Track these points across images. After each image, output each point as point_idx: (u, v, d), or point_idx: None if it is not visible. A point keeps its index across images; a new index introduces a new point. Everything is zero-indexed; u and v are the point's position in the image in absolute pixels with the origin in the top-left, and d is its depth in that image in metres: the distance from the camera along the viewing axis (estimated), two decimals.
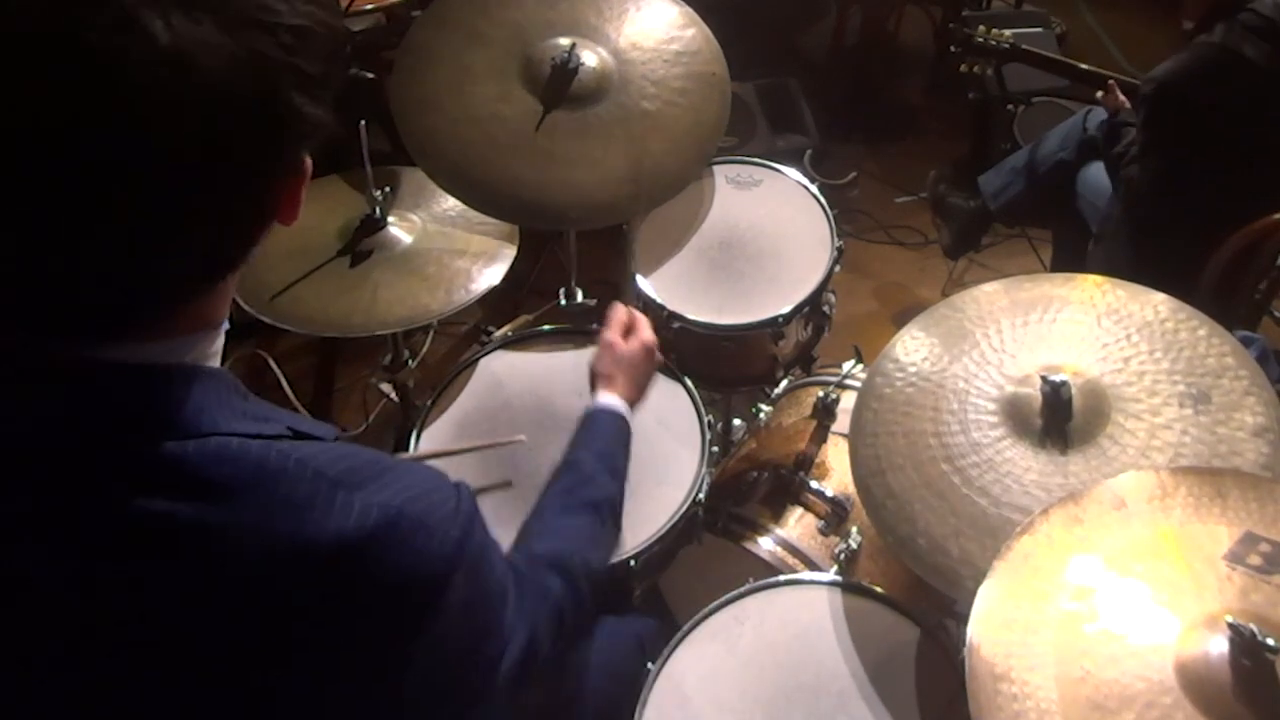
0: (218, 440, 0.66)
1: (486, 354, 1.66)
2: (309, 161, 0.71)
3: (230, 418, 0.68)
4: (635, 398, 1.31)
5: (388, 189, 1.70)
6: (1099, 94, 2.38)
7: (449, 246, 1.69)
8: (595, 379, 1.31)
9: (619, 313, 1.37)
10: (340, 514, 0.66)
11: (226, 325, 0.74)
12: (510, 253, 1.70)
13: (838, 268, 1.79)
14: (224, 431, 0.67)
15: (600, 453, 1.19)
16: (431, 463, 1.45)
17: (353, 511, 0.67)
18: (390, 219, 1.68)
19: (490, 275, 1.65)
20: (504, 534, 1.39)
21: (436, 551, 0.71)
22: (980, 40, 2.56)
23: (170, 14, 0.58)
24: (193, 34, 0.58)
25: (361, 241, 1.66)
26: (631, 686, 1.23)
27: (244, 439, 0.67)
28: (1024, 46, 2.56)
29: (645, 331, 1.35)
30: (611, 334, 1.33)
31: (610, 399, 1.27)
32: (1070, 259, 2.56)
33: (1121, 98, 2.30)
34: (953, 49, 2.66)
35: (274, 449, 0.67)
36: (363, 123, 1.60)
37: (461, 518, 0.74)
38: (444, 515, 0.73)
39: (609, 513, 1.14)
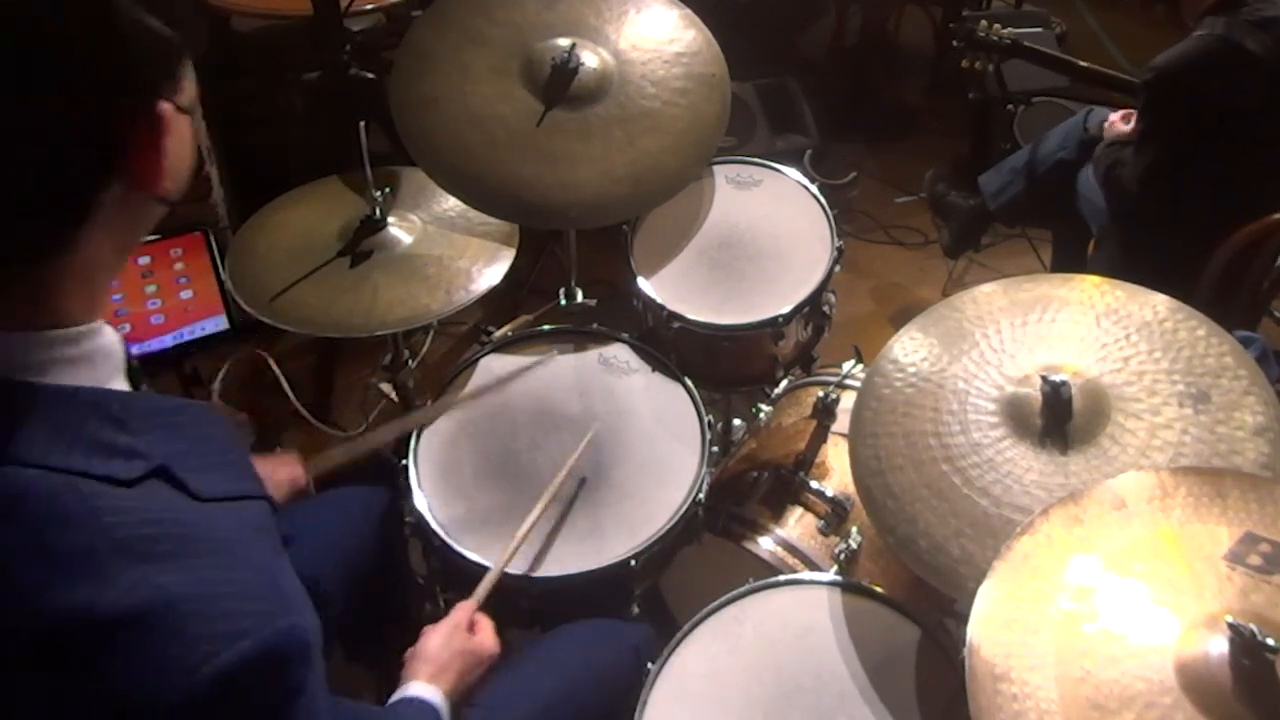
0: (9, 470, 0.59)
1: (486, 354, 1.66)
2: (166, 110, 0.63)
3: (65, 448, 0.60)
4: (458, 694, 1.09)
5: (388, 189, 1.70)
6: (1106, 127, 2.35)
7: (449, 247, 1.69)
8: (415, 660, 1.09)
9: (462, 608, 1.18)
10: (100, 584, 0.57)
11: (96, 326, 0.66)
12: (510, 253, 1.70)
13: (838, 268, 1.79)
14: (42, 462, 0.59)
15: None
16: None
17: (118, 585, 0.58)
18: (390, 219, 1.68)
19: (490, 275, 1.65)
20: (500, 534, 1.40)
21: (174, 670, 0.58)
22: (984, 35, 2.56)
23: None
24: None
25: (361, 242, 1.65)
26: (626, 698, 1.22)
27: (45, 471, 0.59)
28: (1026, 44, 2.56)
29: (489, 638, 1.17)
30: (455, 621, 1.14)
31: (423, 688, 1.05)
32: (1070, 259, 2.56)
33: (1129, 127, 2.29)
34: (955, 44, 2.65)
35: (75, 489, 0.59)
36: (363, 123, 1.60)
37: (249, 649, 0.60)
38: (218, 632, 0.60)
39: None
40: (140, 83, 0.62)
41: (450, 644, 1.10)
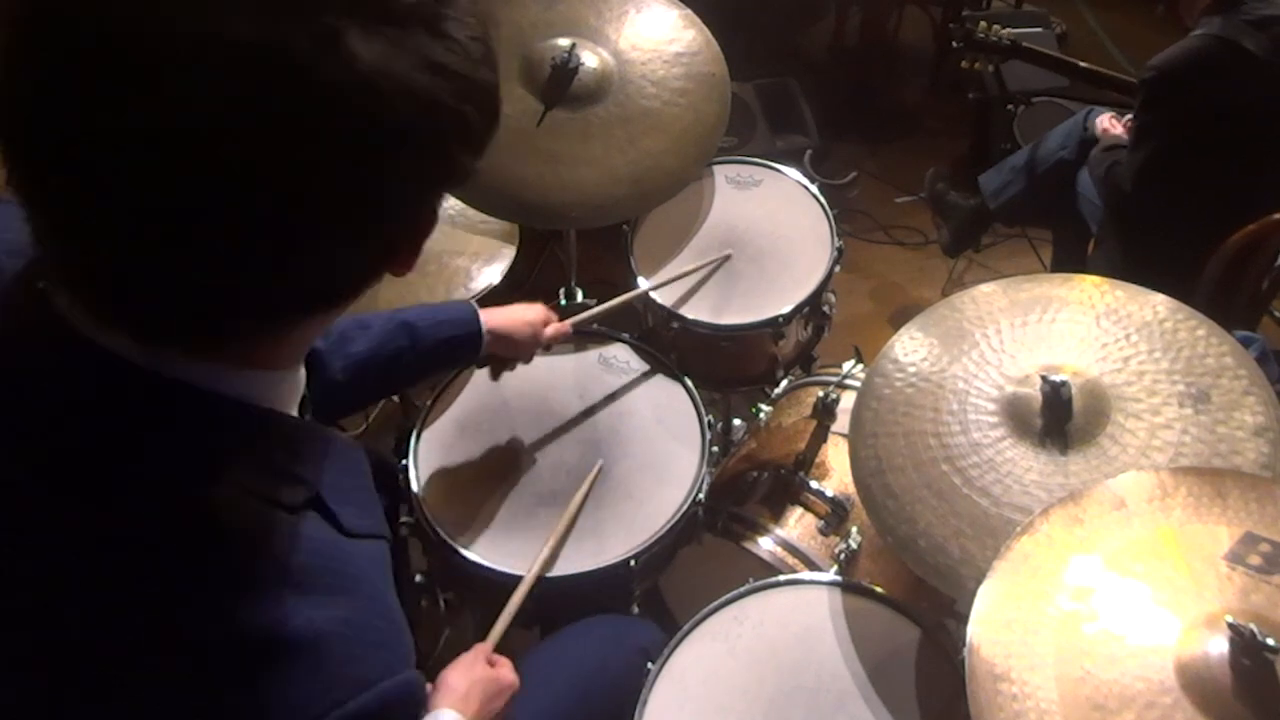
0: (208, 496, 0.61)
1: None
2: (437, 215, 0.67)
3: (245, 467, 0.63)
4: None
5: None
6: (1100, 129, 2.36)
7: (448, 245, 1.69)
8: (438, 689, 1.09)
9: (479, 651, 1.19)
10: (261, 607, 0.60)
11: (297, 368, 0.69)
12: (510, 252, 1.70)
13: (838, 268, 1.79)
14: (224, 482, 0.61)
15: None
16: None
17: (277, 610, 0.60)
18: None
19: (490, 274, 1.65)
20: (500, 534, 1.40)
21: (306, 708, 0.60)
22: (983, 36, 2.56)
23: (373, 38, 0.54)
24: (389, 64, 0.54)
25: None
26: (631, 698, 1.22)
27: (236, 497, 0.61)
28: (1025, 44, 2.56)
29: (510, 676, 1.17)
30: (475, 656, 1.16)
31: (450, 714, 1.06)
32: (1070, 259, 2.56)
33: (1119, 130, 2.30)
34: (955, 44, 2.66)
35: (249, 507, 0.62)
36: None
37: (374, 698, 0.62)
38: (351, 677, 0.62)
39: None
40: (436, 208, 0.65)
41: (471, 674, 1.11)
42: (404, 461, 1.47)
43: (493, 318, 1.34)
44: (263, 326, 0.62)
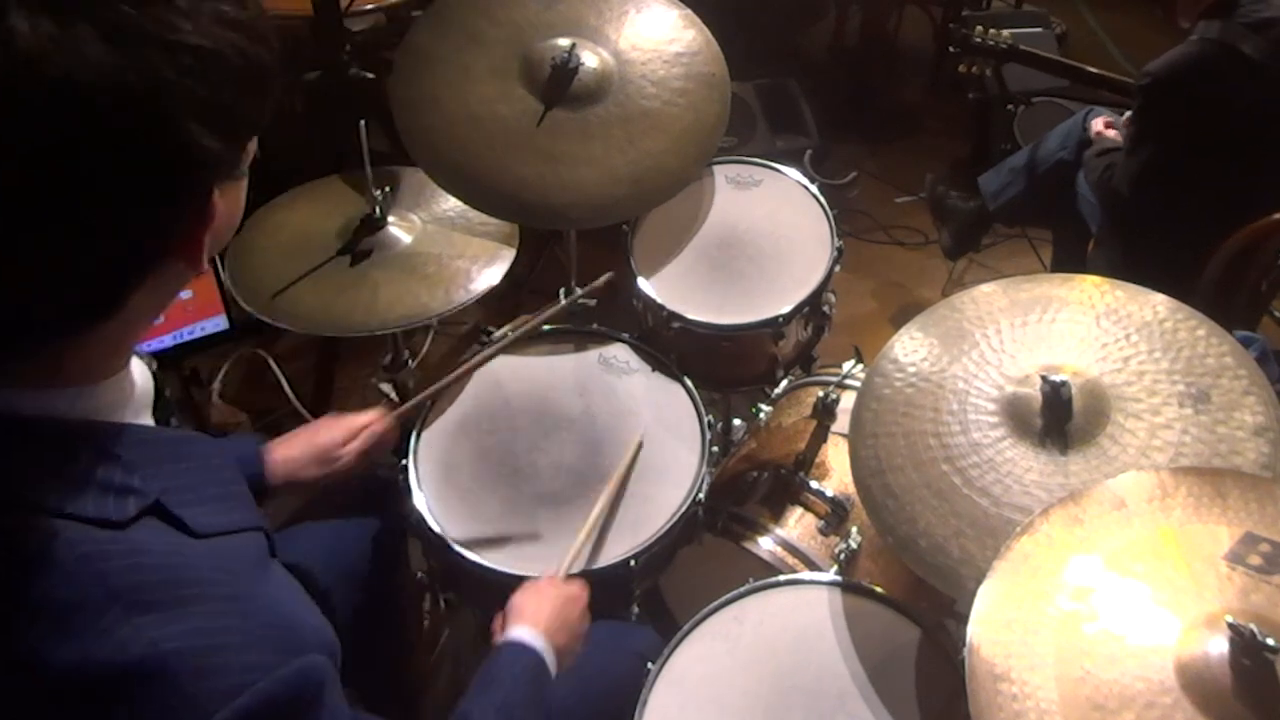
0: (19, 519, 0.58)
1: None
2: (217, 200, 0.63)
3: (54, 491, 0.59)
4: (560, 642, 1.11)
5: (387, 189, 1.70)
6: (1095, 131, 2.36)
7: (449, 246, 1.69)
8: (506, 614, 1.13)
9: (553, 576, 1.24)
10: (98, 637, 0.56)
11: (120, 375, 0.66)
12: (510, 253, 1.70)
13: (838, 268, 1.79)
14: (34, 505, 0.58)
15: (500, 704, 0.98)
16: None
17: (112, 639, 0.57)
18: (390, 218, 1.68)
19: (490, 275, 1.65)
20: (500, 533, 1.40)
21: None
22: (979, 40, 2.56)
23: (38, 16, 0.51)
24: (62, 40, 0.52)
25: (361, 241, 1.65)
26: (628, 703, 1.22)
27: (45, 524, 0.58)
28: (1022, 47, 2.56)
29: (582, 593, 1.22)
30: (543, 580, 1.21)
31: (524, 631, 1.07)
32: (1070, 259, 2.56)
33: (1112, 133, 2.30)
34: (951, 49, 2.66)
35: (64, 536, 0.58)
36: (363, 123, 1.60)
37: (252, 700, 0.59)
38: (218, 689, 0.58)
39: None
40: (199, 196, 0.62)
41: (538, 592, 1.13)
42: (404, 461, 1.48)
43: (279, 453, 1.24)
44: (42, 342, 0.60)
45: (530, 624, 1.09)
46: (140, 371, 0.69)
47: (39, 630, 0.56)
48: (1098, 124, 2.35)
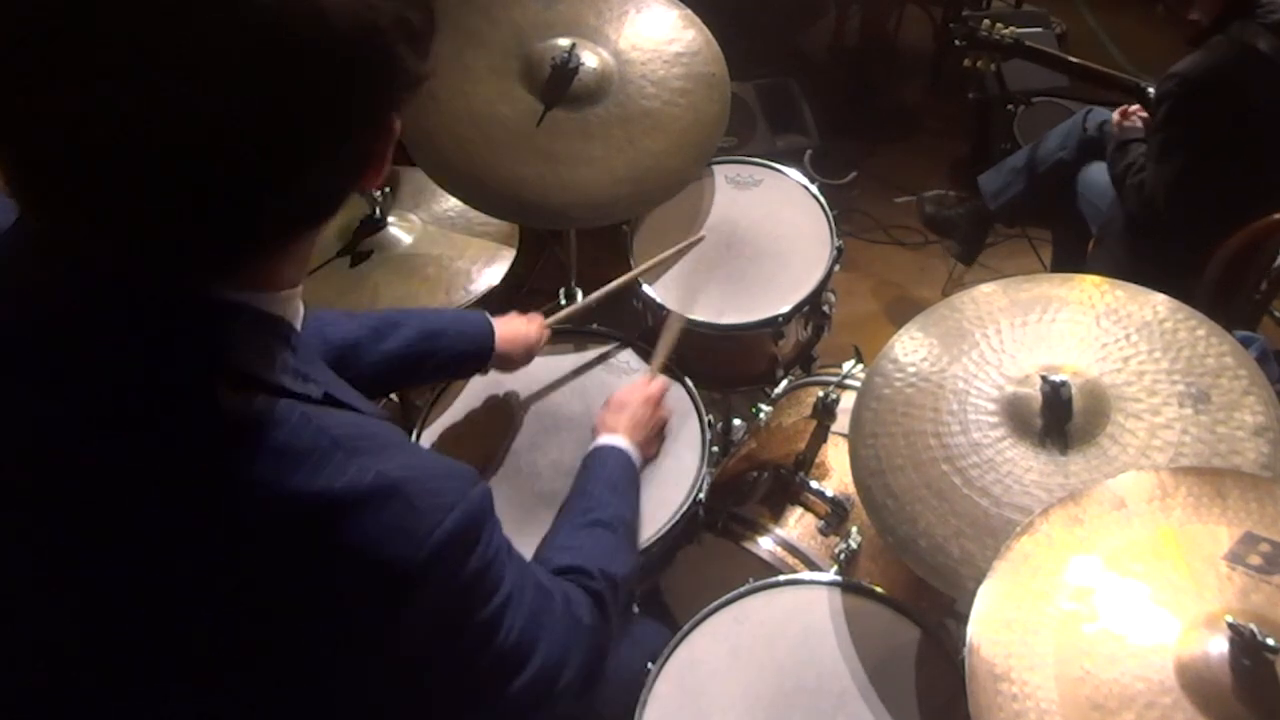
0: (243, 392, 0.66)
1: None
2: (398, 121, 0.70)
3: (266, 368, 0.68)
4: (640, 438, 1.30)
5: (387, 189, 1.70)
6: (1115, 116, 2.32)
7: (449, 247, 1.69)
8: (598, 423, 1.32)
9: (644, 378, 1.43)
10: (333, 471, 0.66)
11: (298, 289, 0.75)
12: (510, 253, 1.70)
13: (838, 268, 1.79)
14: (253, 376, 0.67)
15: (607, 480, 1.19)
16: None
17: (346, 472, 0.67)
18: (390, 219, 1.68)
19: (490, 275, 1.65)
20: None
21: (422, 535, 0.69)
22: (985, 34, 2.56)
23: None
24: None
25: (361, 242, 1.66)
26: (635, 688, 1.22)
27: (268, 395, 0.67)
28: (1028, 43, 2.56)
29: (658, 391, 1.40)
30: (628, 387, 1.38)
31: (612, 438, 1.27)
32: (1070, 259, 2.56)
33: (1137, 120, 2.26)
34: (957, 43, 2.65)
35: (284, 403, 0.68)
36: None
37: (460, 515, 0.71)
38: (439, 504, 0.70)
39: (624, 531, 1.13)
40: (396, 113, 0.69)
41: (621, 405, 1.34)
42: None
43: (501, 336, 1.41)
44: (261, 249, 0.67)
45: (614, 429, 1.28)
46: (301, 302, 0.77)
47: (285, 470, 0.65)
48: (1114, 116, 2.32)
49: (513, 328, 1.44)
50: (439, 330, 1.33)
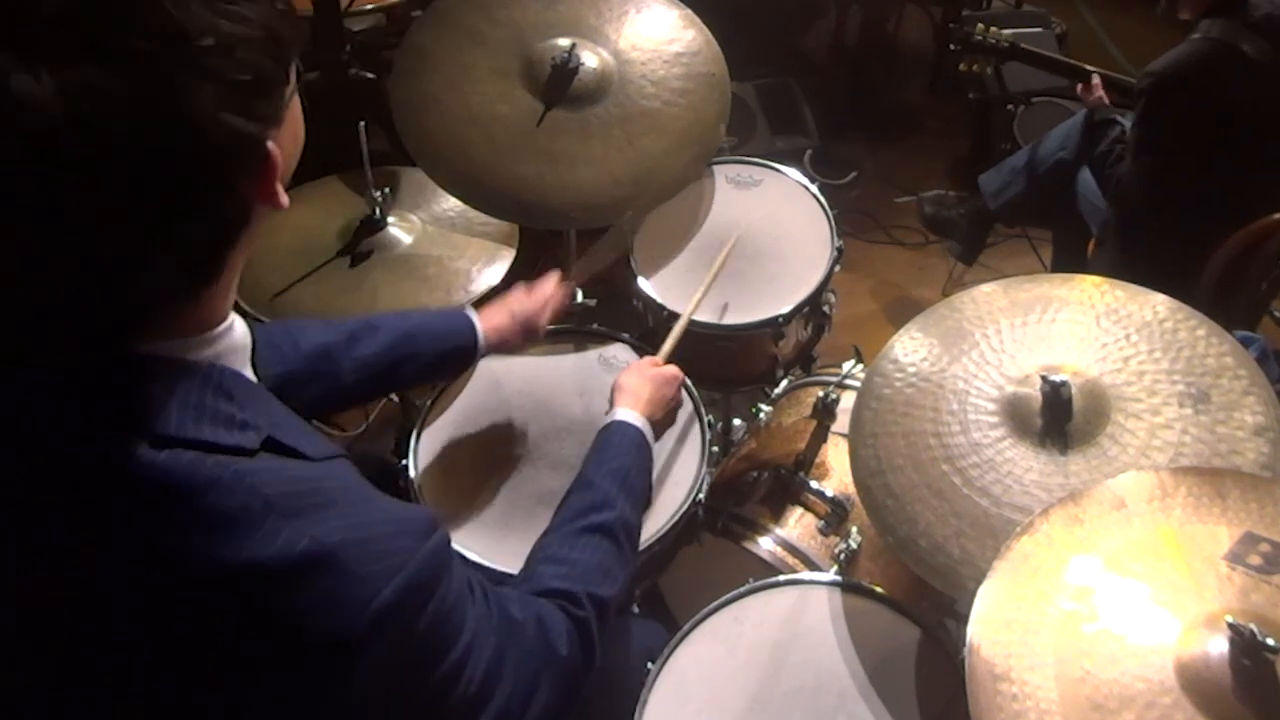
0: (168, 454, 0.64)
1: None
2: (273, 150, 0.67)
3: (194, 423, 0.66)
4: (657, 417, 1.32)
5: (387, 190, 1.70)
6: (1079, 88, 2.37)
7: (449, 247, 1.69)
8: (614, 392, 1.33)
9: (651, 358, 1.45)
10: (264, 539, 0.64)
11: (229, 323, 0.73)
12: (510, 253, 1.70)
13: (838, 268, 1.79)
14: (177, 436, 0.65)
15: (615, 470, 1.17)
16: None
17: (278, 539, 0.64)
18: (390, 219, 1.68)
19: (490, 275, 1.65)
20: (501, 533, 1.39)
21: (359, 604, 0.66)
22: (980, 39, 2.56)
23: (39, 69, 0.55)
24: (75, 84, 0.56)
25: (361, 242, 1.66)
26: (630, 698, 1.22)
27: (195, 450, 0.65)
28: (1023, 46, 2.56)
29: (673, 369, 1.43)
30: (643, 360, 1.41)
31: (627, 412, 1.27)
32: (1070, 259, 2.56)
33: (1099, 94, 2.30)
34: (952, 47, 2.66)
35: (211, 461, 0.65)
36: (362, 123, 1.60)
37: (405, 578, 0.69)
38: (381, 569, 0.67)
39: (623, 536, 1.10)
40: (256, 158, 0.66)
41: (640, 373, 1.36)
42: (404, 461, 1.47)
43: (489, 323, 1.39)
44: (165, 304, 0.66)
45: (631, 405, 1.29)
46: (240, 325, 0.75)
47: (211, 540, 0.63)
48: (1079, 89, 2.36)
49: (500, 315, 1.41)
50: (414, 331, 1.31)
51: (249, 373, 0.75)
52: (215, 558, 0.63)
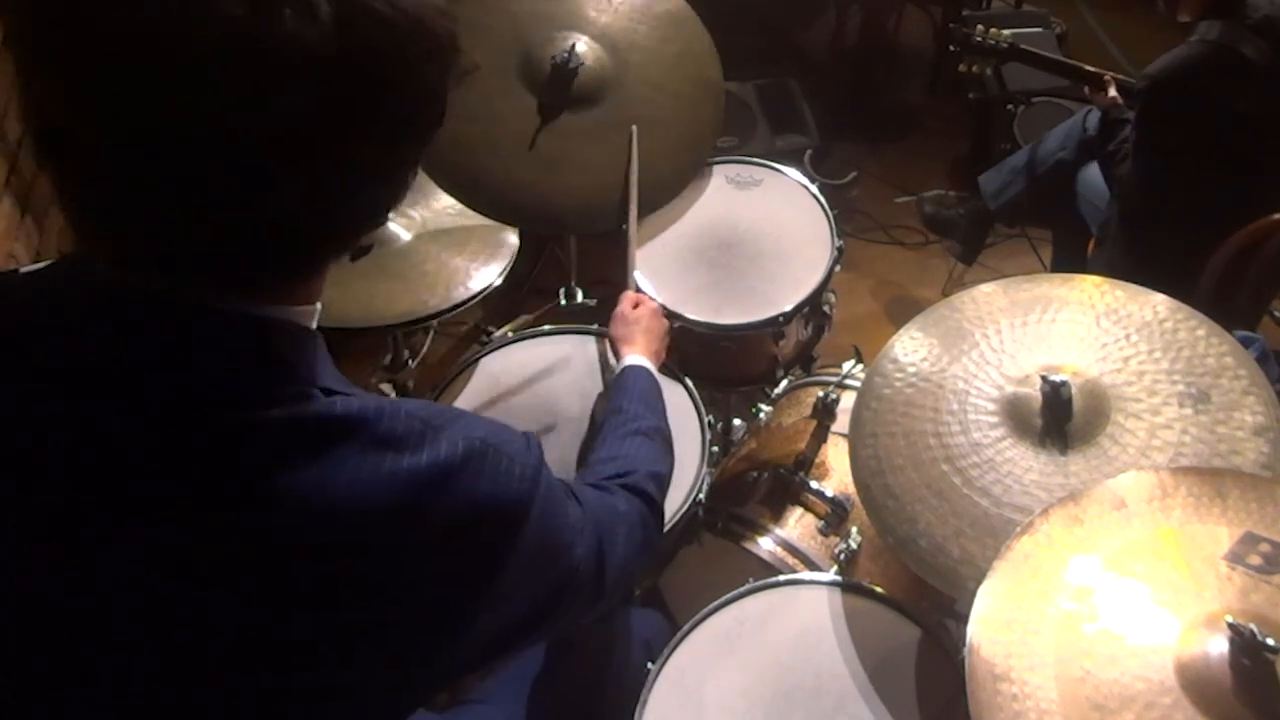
0: (340, 399, 0.70)
1: (487, 354, 1.65)
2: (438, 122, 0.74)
3: (334, 379, 0.73)
4: (656, 354, 1.40)
5: None
6: (1086, 89, 2.38)
7: (448, 244, 1.69)
8: (615, 345, 1.41)
9: (626, 295, 1.50)
10: (435, 446, 0.72)
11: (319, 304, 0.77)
12: (510, 251, 1.70)
13: (838, 268, 1.79)
14: (329, 388, 0.71)
15: (638, 396, 1.26)
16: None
17: (444, 443, 0.73)
18: (389, 215, 1.68)
19: (489, 273, 1.65)
20: None
21: (519, 475, 0.77)
22: (979, 40, 2.56)
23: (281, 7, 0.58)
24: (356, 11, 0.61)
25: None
26: (635, 688, 1.22)
27: (344, 396, 0.72)
28: (1023, 46, 2.56)
29: (649, 301, 1.49)
30: (623, 307, 1.45)
31: (635, 358, 1.35)
32: (1070, 259, 2.56)
33: (1113, 94, 2.30)
34: (952, 48, 2.66)
35: (370, 399, 0.73)
36: None
37: (534, 454, 0.81)
38: (520, 449, 0.79)
39: (660, 438, 1.20)
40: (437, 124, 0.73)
41: (627, 323, 1.42)
42: None
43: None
44: (316, 268, 0.73)
45: (637, 350, 1.37)
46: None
47: (391, 454, 0.70)
48: (1087, 89, 2.37)
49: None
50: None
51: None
52: (410, 468, 0.70)
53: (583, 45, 1.69)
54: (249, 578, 0.66)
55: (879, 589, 1.33)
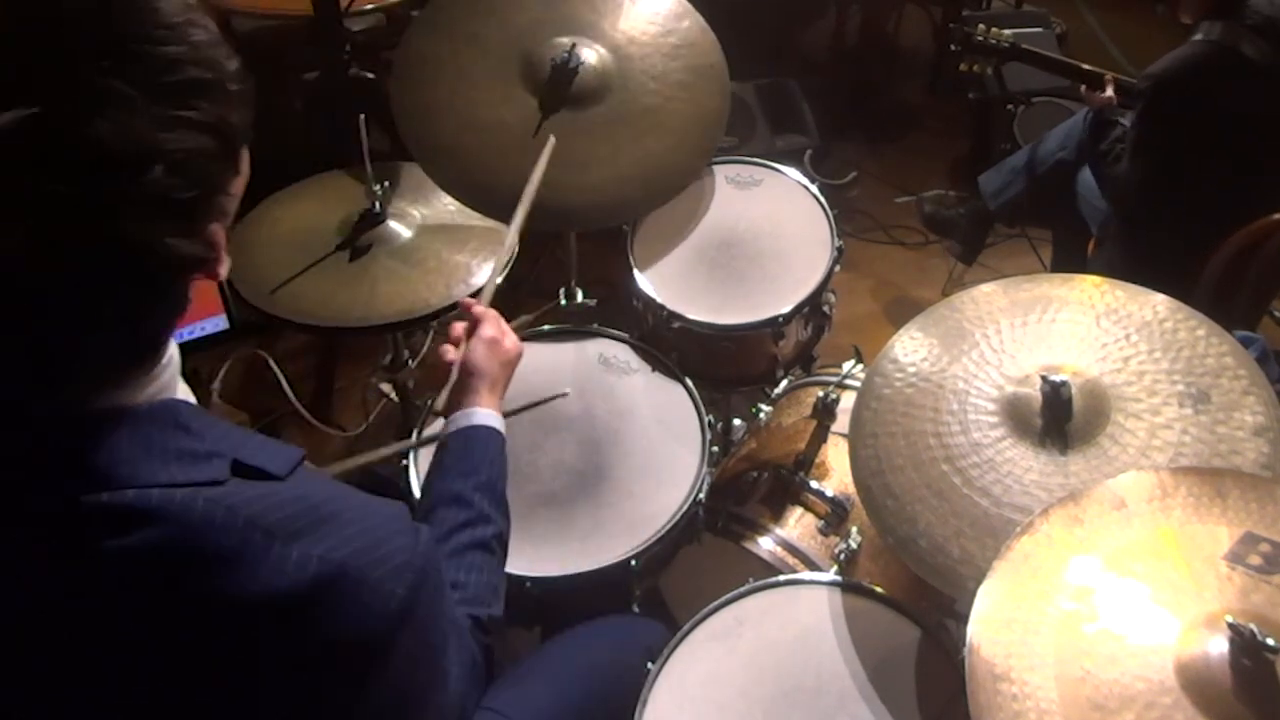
0: (134, 493, 0.63)
1: None
2: (218, 241, 0.67)
3: (157, 465, 0.65)
4: (503, 391, 1.18)
5: (387, 184, 1.70)
6: (1082, 89, 2.38)
7: (448, 241, 1.69)
8: (472, 380, 1.13)
9: (490, 316, 1.20)
10: (273, 567, 0.64)
11: (174, 351, 0.73)
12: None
13: (838, 268, 1.79)
14: (143, 483, 0.64)
15: (484, 484, 1.08)
16: None
17: (288, 564, 0.65)
18: (390, 213, 1.68)
19: (489, 271, 1.65)
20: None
21: (380, 609, 0.68)
22: (980, 39, 2.56)
23: None
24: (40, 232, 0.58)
25: (361, 236, 1.65)
26: (632, 698, 1.22)
27: (166, 489, 0.64)
28: (1024, 46, 2.56)
29: (511, 333, 1.21)
30: (493, 331, 1.17)
31: (487, 414, 1.12)
32: (1070, 259, 2.56)
33: (1109, 94, 2.30)
34: (952, 48, 2.66)
35: (201, 498, 0.65)
36: (362, 118, 1.60)
37: (412, 570, 0.71)
38: (391, 569, 0.69)
39: (499, 549, 1.08)
40: (198, 236, 0.66)
41: (488, 359, 1.14)
42: (404, 462, 1.47)
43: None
44: (117, 373, 0.67)
45: (488, 405, 1.13)
46: (172, 347, 0.74)
47: (221, 578, 0.63)
48: (1083, 88, 2.36)
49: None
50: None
51: (186, 391, 0.75)
52: (233, 596, 0.63)
53: (582, 44, 1.69)
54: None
55: (879, 589, 1.33)
